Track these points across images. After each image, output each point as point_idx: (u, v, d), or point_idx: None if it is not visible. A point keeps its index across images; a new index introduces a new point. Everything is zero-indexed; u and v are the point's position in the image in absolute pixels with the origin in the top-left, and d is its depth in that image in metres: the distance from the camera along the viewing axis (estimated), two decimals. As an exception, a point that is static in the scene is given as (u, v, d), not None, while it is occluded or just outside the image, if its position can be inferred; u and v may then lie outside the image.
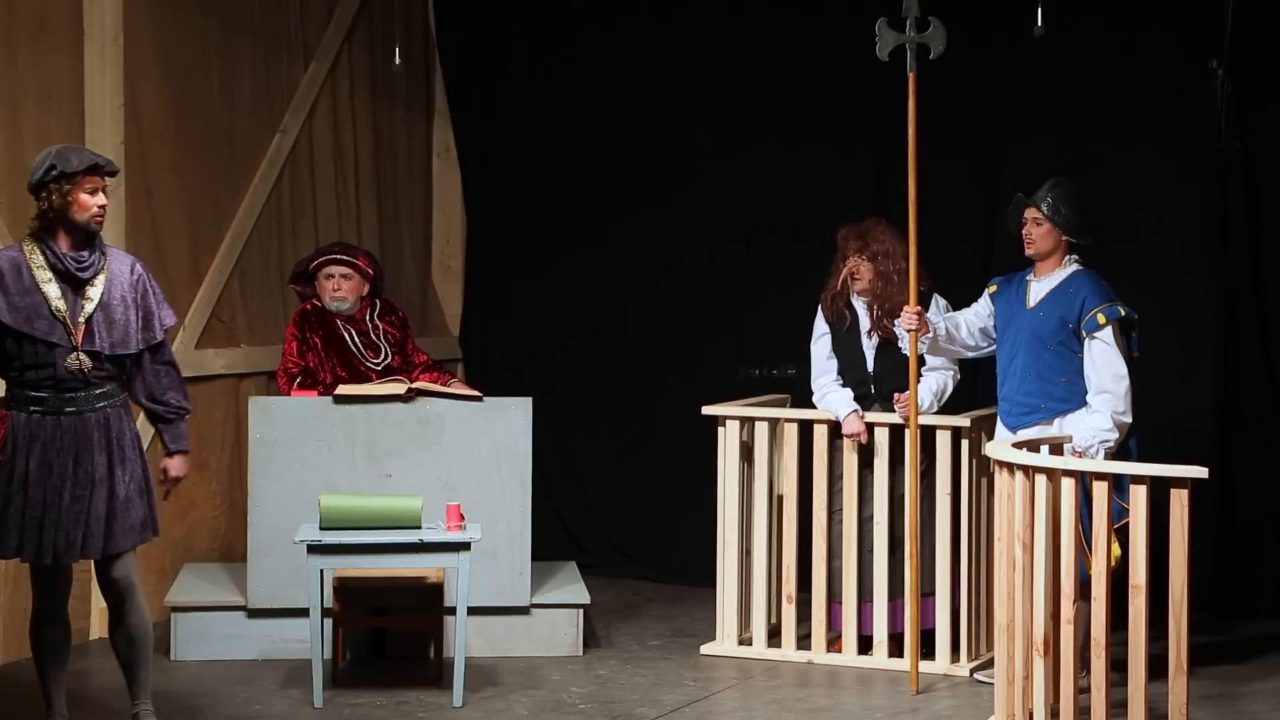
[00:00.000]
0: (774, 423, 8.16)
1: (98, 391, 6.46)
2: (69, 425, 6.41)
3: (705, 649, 8.23)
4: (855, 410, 7.91)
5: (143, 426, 6.92)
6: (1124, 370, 7.38)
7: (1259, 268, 8.81)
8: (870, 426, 7.90)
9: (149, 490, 6.60)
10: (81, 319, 6.41)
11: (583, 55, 10.07)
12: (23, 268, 6.40)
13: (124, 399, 6.58)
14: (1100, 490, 6.44)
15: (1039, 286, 7.57)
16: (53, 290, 6.39)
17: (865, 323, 8.05)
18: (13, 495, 6.38)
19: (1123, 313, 7.42)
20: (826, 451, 7.98)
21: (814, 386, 8.12)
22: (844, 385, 8.04)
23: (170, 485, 6.76)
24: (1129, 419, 7.37)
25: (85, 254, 6.46)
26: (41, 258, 6.41)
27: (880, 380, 8.01)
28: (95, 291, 6.46)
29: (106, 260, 6.53)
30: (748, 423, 8.16)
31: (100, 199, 6.46)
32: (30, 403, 6.40)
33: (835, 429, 7.97)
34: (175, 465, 6.72)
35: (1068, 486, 6.47)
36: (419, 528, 7.30)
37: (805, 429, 8.06)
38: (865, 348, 8.05)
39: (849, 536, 7.93)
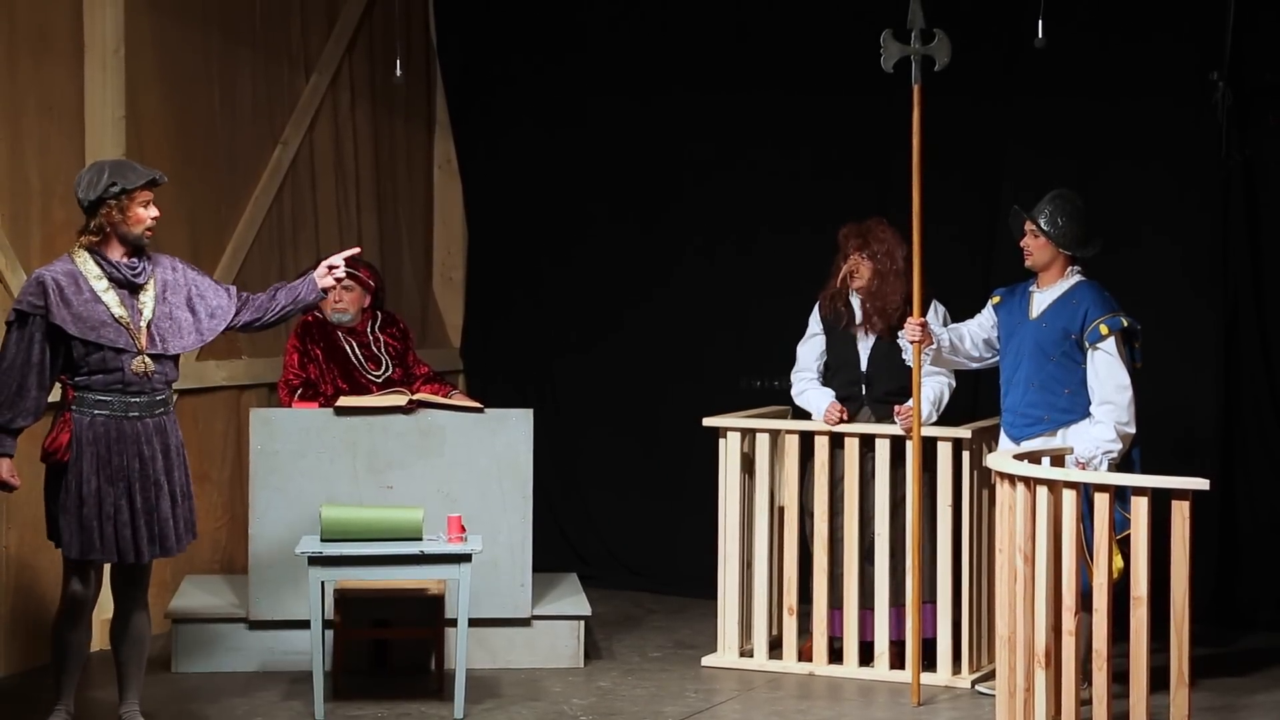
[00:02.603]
0: (775, 434, 8.15)
1: (159, 398, 6.67)
2: (131, 429, 6.60)
3: (706, 660, 8.22)
4: (832, 400, 7.94)
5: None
6: (1127, 381, 7.38)
7: (1260, 279, 8.80)
8: (870, 438, 7.90)
9: (190, 495, 6.80)
10: (142, 324, 6.61)
11: (584, 66, 10.07)
12: (80, 279, 6.57)
13: (173, 407, 6.78)
14: (1101, 501, 6.44)
15: (1041, 297, 7.57)
16: (111, 298, 6.59)
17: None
18: (85, 497, 6.54)
19: (1125, 323, 7.42)
20: (828, 462, 7.98)
21: (793, 379, 8.14)
22: (837, 386, 8.05)
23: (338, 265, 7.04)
24: (1133, 429, 7.37)
25: (136, 261, 6.67)
26: (97, 268, 6.60)
27: (873, 381, 8.02)
28: (148, 296, 6.67)
29: (153, 264, 6.73)
30: (749, 434, 8.15)
31: (153, 211, 6.67)
32: (96, 406, 6.57)
33: (835, 440, 7.96)
34: (322, 271, 7.02)
35: (1069, 498, 6.46)
36: (420, 539, 7.30)
37: (806, 440, 8.05)
38: (860, 348, 8.06)
39: (850, 545, 7.92)
